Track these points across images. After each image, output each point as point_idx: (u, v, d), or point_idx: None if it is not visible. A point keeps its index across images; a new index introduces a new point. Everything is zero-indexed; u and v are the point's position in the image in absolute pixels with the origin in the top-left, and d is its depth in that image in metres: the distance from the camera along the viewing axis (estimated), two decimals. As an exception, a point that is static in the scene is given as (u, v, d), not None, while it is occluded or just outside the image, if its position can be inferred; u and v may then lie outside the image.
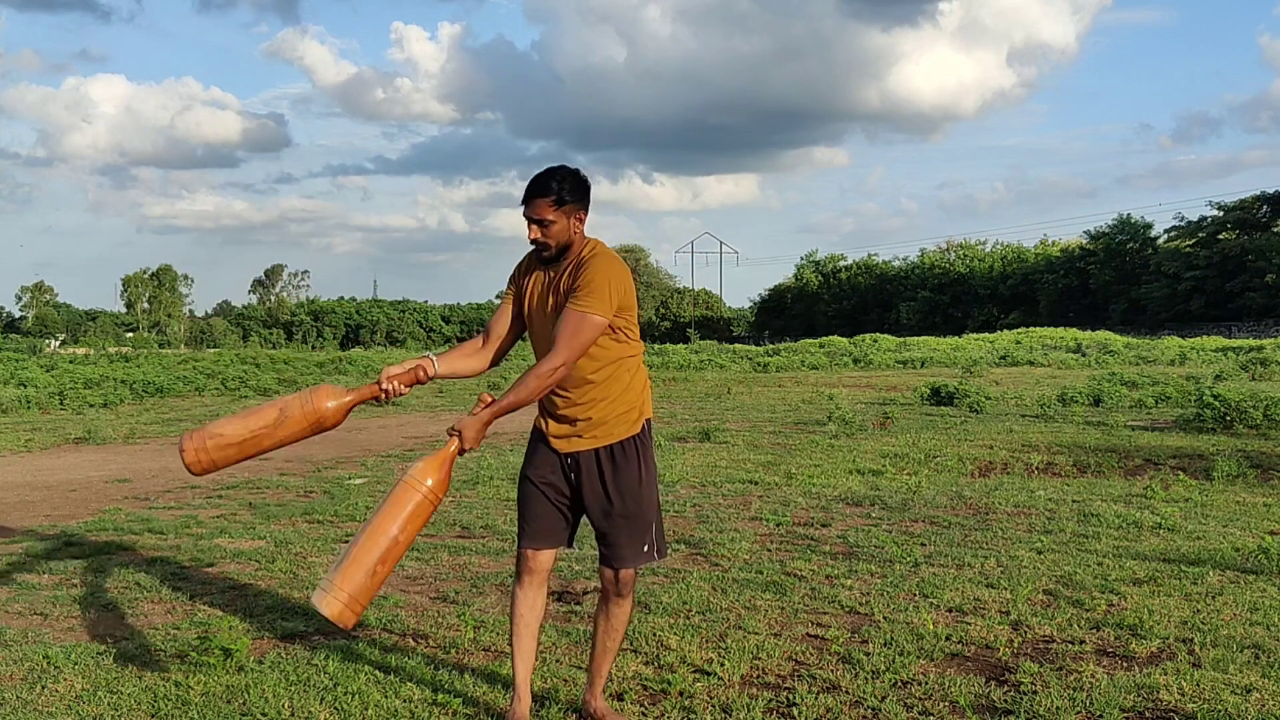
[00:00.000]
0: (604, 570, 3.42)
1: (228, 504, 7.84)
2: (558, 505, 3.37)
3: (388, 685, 3.81)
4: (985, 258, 73.68)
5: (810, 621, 4.57)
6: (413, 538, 3.20)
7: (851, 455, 9.90)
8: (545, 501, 3.36)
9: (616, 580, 3.40)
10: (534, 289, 3.36)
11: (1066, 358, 29.91)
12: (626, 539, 3.35)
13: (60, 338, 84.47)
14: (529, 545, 3.37)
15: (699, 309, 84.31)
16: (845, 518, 6.90)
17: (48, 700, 3.72)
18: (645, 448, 3.37)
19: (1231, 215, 58.28)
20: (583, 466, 3.34)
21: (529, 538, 3.37)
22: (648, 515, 3.37)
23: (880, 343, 36.97)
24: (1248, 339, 39.99)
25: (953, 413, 14.00)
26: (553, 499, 3.36)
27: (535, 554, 3.36)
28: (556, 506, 3.37)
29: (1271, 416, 11.21)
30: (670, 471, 8.95)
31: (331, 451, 11.32)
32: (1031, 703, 3.58)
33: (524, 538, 3.38)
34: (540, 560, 3.37)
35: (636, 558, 3.38)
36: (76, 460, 10.92)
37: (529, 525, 3.37)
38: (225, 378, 24.56)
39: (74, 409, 18.09)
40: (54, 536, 6.62)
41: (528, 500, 3.38)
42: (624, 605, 3.43)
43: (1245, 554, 5.52)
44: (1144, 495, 7.52)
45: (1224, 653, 4.02)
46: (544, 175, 3.26)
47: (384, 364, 27.09)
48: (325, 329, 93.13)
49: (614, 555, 3.37)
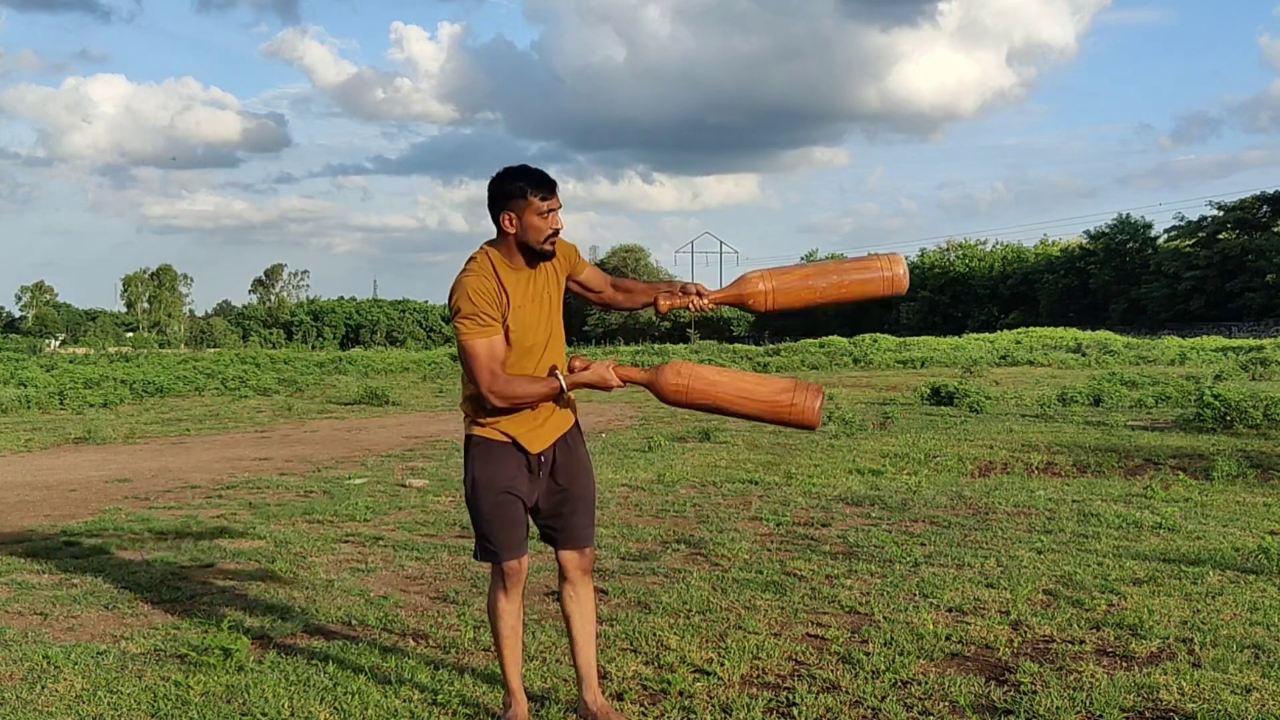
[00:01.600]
0: (569, 555, 3.44)
1: (228, 504, 7.83)
2: (523, 507, 3.39)
3: (388, 685, 3.81)
4: (985, 258, 73.65)
5: (810, 621, 4.57)
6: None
7: (851, 455, 9.89)
8: (520, 509, 3.36)
9: (584, 558, 3.45)
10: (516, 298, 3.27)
11: (1066, 358, 29.89)
12: (586, 518, 3.45)
13: (60, 338, 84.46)
14: (514, 556, 3.35)
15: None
16: (845, 518, 6.90)
17: (48, 700, 3.72)
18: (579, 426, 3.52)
19: (1231, 215, 58.27)
20: (557, 459, 3.39)
21: (512, 548, 3.34)
22: (593, 490, 3.51)
23: (880, 343, 36.96)
24: (1248, 339, 39.95)
25: (953, 413, 13.99)
26: (523, 506, 3.37)
27: (520, 562, 3.36)
28: (523, 509, 3.39)
29: (1271, 416, 11.20)
30: (670, 471, 8.96)
31: (331, 451, 11.32)
32: (1031, 703, 3.58)
33: (506, 550, 3.34)
34: (525, 568, 3.39)
35: (593, 534, 3.49)
36: (76, 460, 10.92)
37: (509, 535, 3.34)
38: (225, 378, 24.55)
39: (74, 409, 18.09)
40: (54, 536, 6.62)
41: (504, 511, 3.33)
42: (590, 585, 3.50)
43: (1245, 554, 5.52)
44: (1144, 495, 7.51)
45: (1224, 653, 4.02)
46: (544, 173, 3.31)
47: (384, 363, 26.73)
48: (325, 329, 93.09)
49: (579, 536, 3.43)
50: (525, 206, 3.24)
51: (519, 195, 3.23)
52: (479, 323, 3.19)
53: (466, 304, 3.19)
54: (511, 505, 3.34)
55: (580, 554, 3.44)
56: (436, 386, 24.06)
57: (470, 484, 3.36)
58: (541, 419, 3.35)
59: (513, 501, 3.34)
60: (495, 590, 3.40)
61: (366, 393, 19.11)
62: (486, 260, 3.27)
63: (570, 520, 3.41)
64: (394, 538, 6.47)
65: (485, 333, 3.20)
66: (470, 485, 3.36)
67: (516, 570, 3.36)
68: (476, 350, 3.20)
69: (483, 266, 3.26)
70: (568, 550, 3.44)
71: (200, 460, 10.73)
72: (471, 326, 3.19)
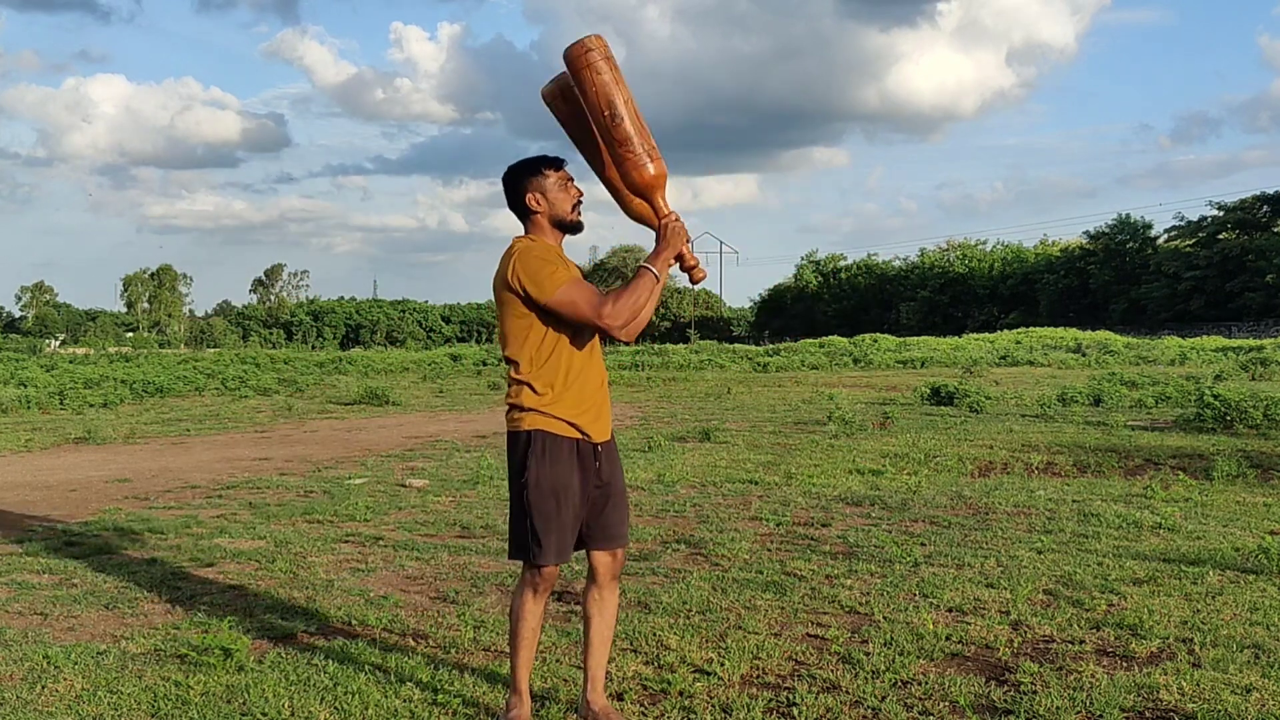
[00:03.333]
0: (602, 556, 3.39)
1: (228, 504, 7.83)
2: (579, 512, 3.31)
3: (388, 685, 3.81)
4: (985, 258, 73.63)
5: (810, 621, 4.57)
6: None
7: (851, 455, 9.89)
8: (576, 513, 3.29)
9: (616, 561, 3.43)
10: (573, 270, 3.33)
11: (1066, 358, 29.90)
12: (623, 514, 3.41)
13: (60, 338, 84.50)
14: (559, 561, 3.28)
15: (699, 309, 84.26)
16: (845, 518, 6.90)
17: (48, 700, 3.72)
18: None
19: (1231, 215, 58.25)
20: (605, 453, 3.35)
21: (560, 553, 3.27)
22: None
23: (880, 343, 36.95)
24: (1248, 339, 39.98)
25: (953, 413, 13.99)
26: (578, 509, 3.30)
27: (556, 568, 3.31)
28: (578, 514, 3.31)
29: (1271, 416, 11.20)
30: (670, 471, 8.95)
31: (331, 451, 11.32)
32: (1031, 703, 3.58)
33: (553, 554, 3.25)
34: (556, 573, 3.35)
35: (627, 533, 3.46)
36: (76, 460, 10.92)
37: (562, 539, 3.26)
38: (225, 377, 24.56)
39: (74, 409, 18.09)
40: (54, 536, 6.62)
41: (563, 514, 3.25)
42: (616, 591, 3.47)
43: (1245, 554, 5.52)
44: (1144, 495, 7.51)
45: (1224, 653, 4.02)
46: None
47: (384, 363, 26.67)
48: (325, 329, 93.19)
49: (614, 535, 3.39)
50: (545, 181, 3.29)
51: (536, 173, 3.30)
52: (560, 272, 3.20)
53: (541, 265, 3.19)
54: (570, 509, 3.26)
55: (613, 556, 3.40)
56: (436, 386, 24.06)
57: (529, 483, 3.24)
58: (599, 405, 3.32)
59: (571, 505, 3.26)
60: (524, 590, 3.33)
61: (366, 393, 19.10)
62: (530, 239, 3.32)
63: (610, 516, 3.35)
64: (394, 538, 6.47)
65: (569, 278, 3.20)
66: (528, 484, 3.24)
67: (554, 575, 3.32)
68: (575, 296, 3.18)
69: (534, 241, 3.30)
70: (600, 550, 3.38)
71: (200, 460, 10.73)
72: (557, 276, 3.18)
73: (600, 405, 3.34)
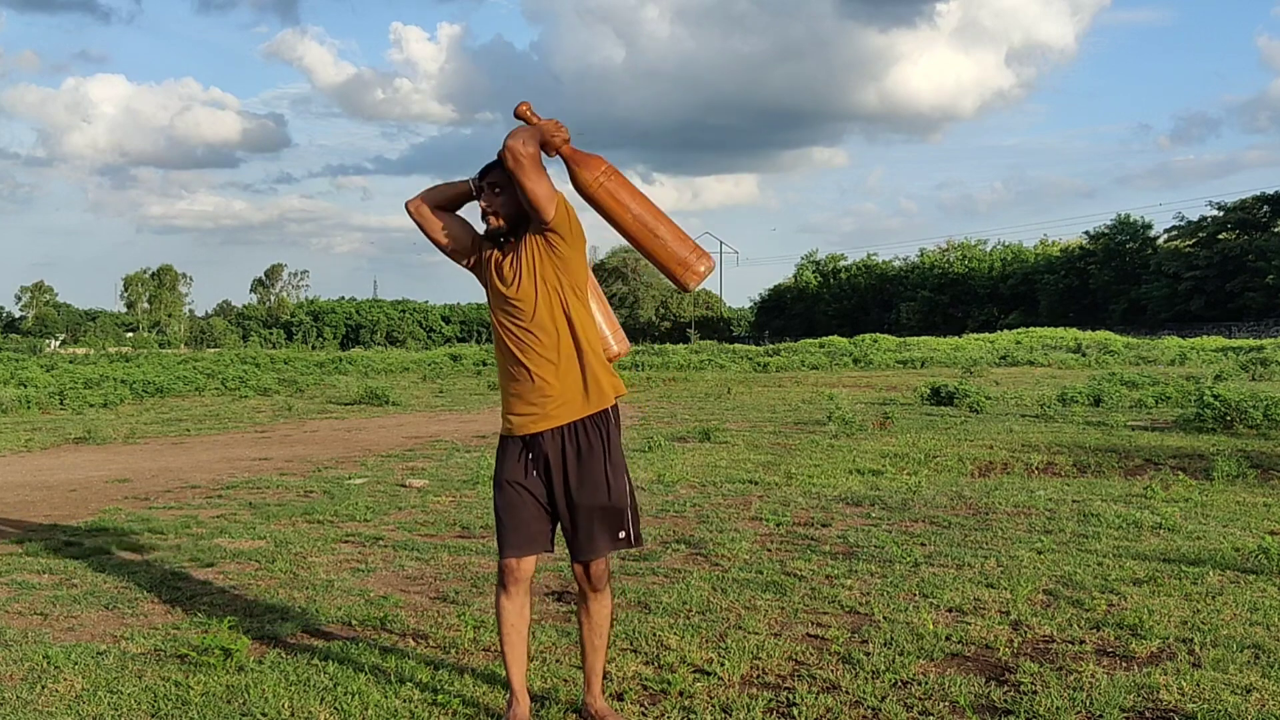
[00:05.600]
0: (575, 566, 3.40)
1: (228, 504, 7.83)
2: (534, 507, 3.32)
3: (388, 685, 3.81)
4: (985, 258, 73.63)
5: (810, 621, 4.57)
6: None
7: (851, 455, 9.89)
8: (526, 508, 3.31)
9: (588, 575, 3.38)
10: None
11: (1066, 358, 29.89)
12: (590, 530, 3.32)
13: (60, 338, 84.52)
14: (513, 554, 3.31)
15: (699, 309, 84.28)
16: (845, 518, 6.90)
17: (48, 700, 3.72)
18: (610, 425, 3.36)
19: (1231, 215, 58.25)
20: (566, 457, 3.29)
21: (513, 546, 3.31)
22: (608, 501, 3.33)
23: (880, 343, 36.97)
24: (1248, 339, 39.99)
25: (953, 413, 13.99)
26: (533, 505, 3.31)
27: (519, 562, 3.32)
28: (534, 508, 3.32)
29: (1271, 416, 11.20)
30: (670, 471, 8.95)
31: (331, 451, 11.32)
32: (1031, 703, 3.58)
33: (506, 547, 3.32)
34: (524, 568, 3.33)
35: (609, 545, 3.35)
36: (76, 460, 10.92)
37: (513, 533, 3.31)
38: (225, 378, 24.56)
39: (74, 409, 18.09)
40: (54, 536, 6.62)
41: (510, 508, 3.32)
42: (603, 600, 3.42)
43: (1245, 554, 5.52)
44: (1144, 495, 7.51)
45: (1224, 653, 4.02)
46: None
47: (384, 364, 26.67)
48: (325, 329, 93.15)
49: (580, 548, 3.34)
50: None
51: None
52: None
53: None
54: (516, 501, 3.30)
55: (584, 567, 3.38)
56: (436, 387, 24.06)
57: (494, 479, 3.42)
58: (539, 404, 3.28)
59: (518, 498, 3.30)
60: (497, 586, 3.39)
61: (366, 393, 19.11)
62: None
63: (577, 531, 3.33)
64: (394, 538, 6.47)
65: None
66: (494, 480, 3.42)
67: (513, 569, 3.32)
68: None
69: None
70: (574, 561, 3.41)
71: (200, 460, 10.73)
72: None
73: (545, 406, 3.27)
